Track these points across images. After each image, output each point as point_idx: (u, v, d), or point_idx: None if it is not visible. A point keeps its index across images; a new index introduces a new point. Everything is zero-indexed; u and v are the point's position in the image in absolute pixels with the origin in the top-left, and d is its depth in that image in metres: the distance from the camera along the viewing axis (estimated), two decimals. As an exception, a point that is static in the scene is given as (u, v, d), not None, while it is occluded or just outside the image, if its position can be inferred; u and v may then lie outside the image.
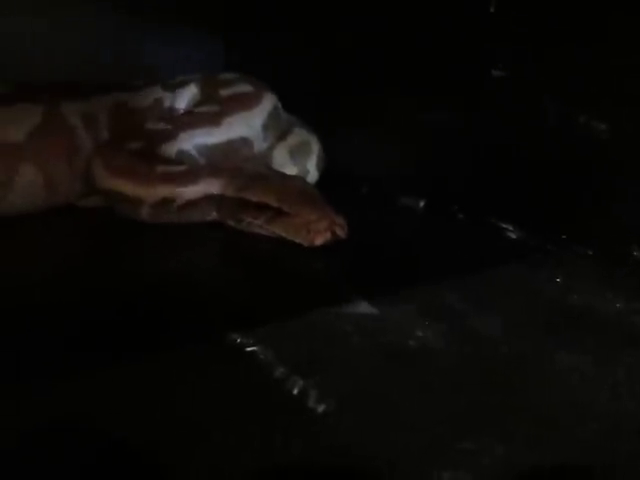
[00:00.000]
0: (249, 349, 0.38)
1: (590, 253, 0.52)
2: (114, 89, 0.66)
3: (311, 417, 0.32)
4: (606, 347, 0.40)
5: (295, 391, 0.34)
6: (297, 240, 0.52)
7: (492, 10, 0.57)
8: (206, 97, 0.67)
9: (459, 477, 0.29)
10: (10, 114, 0.59)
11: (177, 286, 0.48)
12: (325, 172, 0.70)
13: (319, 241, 0.51)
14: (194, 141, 0.62)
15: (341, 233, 0.51)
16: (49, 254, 0.54)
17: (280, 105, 0.69)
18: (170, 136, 0.62)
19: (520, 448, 0.31)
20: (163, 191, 0.57)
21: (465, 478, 0.29)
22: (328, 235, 0.51)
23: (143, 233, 0.57)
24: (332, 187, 0.61)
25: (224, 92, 0.67)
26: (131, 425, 0.32)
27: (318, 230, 0.51)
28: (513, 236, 0.57)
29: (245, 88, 0.68)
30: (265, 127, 0.66)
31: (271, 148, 0.67)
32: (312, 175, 0.69)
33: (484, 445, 0.31)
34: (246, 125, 0.65)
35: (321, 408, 0.33)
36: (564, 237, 0.54)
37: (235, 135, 0.64)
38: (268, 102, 0.67)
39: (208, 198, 0.57)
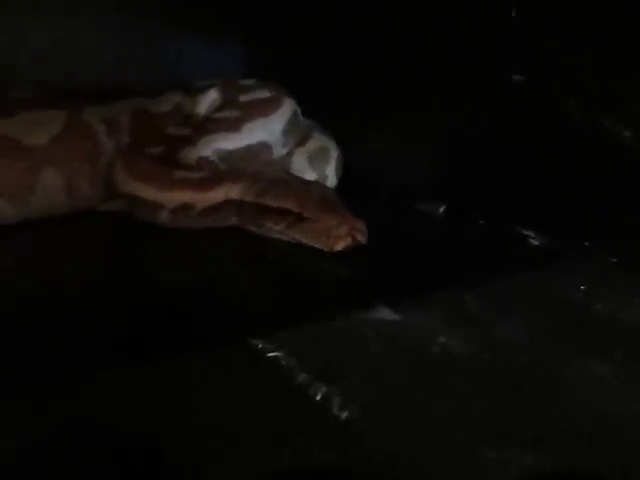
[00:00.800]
0: (271, 355, 0.38)
1: (614, 260, 0.51)
2: (135, 94, 0.66)
3: (335, 423, 0.32)
4: (632, 356, 0.39)
5: (318, 397, 0.34)
6: (317, 245, 0.52)
7: (513, 14, 0.56)
8: (226, 102, 0.68)
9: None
10: (33, 119, 0.60)
11: (197, 291, 0.48)
12: (343, 177, 0.70)
13: (340, 246, 0.51)
14: (214, 146, 0.62)
15: (362, 238, 0.51)
16: (70, 258, 0.54)
17: (299, 110, 0.70)
18: (190, 141, 0.62)
19: (546, 457, 0.30)
20: (183, 196, 0.57)
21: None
22: (349, 240, 0.51)
23: (164, 238, 0.57)
24: (350, 192, 0.61)
25: (244, 98, 0.67)
26: (149, 429, 0.32)
27: (339, 235, 0.51)
28: (535, 242, 0.56)
29: (265, 94, 0.68)
30: (285, 132, 0.66)
31: (290, 154, 0.67)
32: (330, 181, 0.69)
33: (510, 453, 0.30)
34: (266, 130, 0.65)
35: (345, 414, 0.33)
36: (587, 244, 0.53)
37: (255, 140, 0.64)
38: (288, 107, 0.67)
39: (228, 203, 0.57)
